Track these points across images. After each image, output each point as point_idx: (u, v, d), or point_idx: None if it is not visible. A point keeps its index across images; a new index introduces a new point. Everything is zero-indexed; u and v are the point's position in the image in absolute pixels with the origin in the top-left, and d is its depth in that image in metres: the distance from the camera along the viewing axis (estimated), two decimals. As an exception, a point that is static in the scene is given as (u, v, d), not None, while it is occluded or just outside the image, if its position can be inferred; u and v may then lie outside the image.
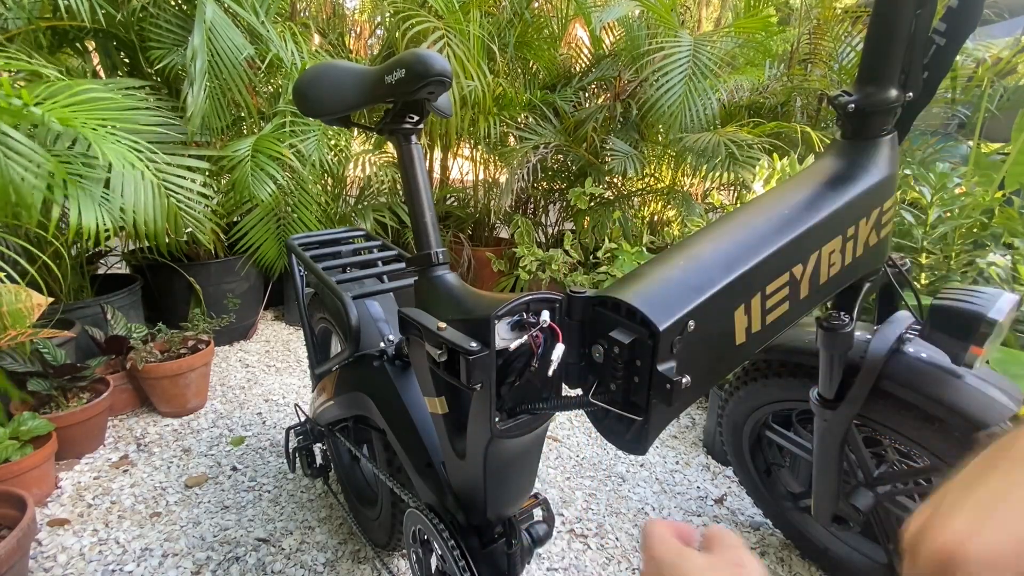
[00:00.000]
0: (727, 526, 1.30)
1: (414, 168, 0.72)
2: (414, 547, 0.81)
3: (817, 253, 0.62)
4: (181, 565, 1.14)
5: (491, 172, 2.93)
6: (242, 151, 1.84)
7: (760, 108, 2.61)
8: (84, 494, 1.36)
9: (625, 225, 2.60)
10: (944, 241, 1.52)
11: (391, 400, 0.86)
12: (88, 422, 1.47)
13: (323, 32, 2.70)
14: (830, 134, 2.20)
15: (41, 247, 1.41)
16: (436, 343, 0.56)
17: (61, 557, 1.16)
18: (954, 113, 2.47)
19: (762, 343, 0.60)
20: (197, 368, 1.72)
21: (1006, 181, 1.67)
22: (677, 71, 2.14)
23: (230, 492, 1.38)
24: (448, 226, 2.82)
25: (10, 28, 1.62)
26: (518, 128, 2.58)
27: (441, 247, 0.71)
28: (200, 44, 1.68)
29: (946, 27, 0.66)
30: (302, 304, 1.16)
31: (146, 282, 2.11)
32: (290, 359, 2.19)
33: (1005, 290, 0.75)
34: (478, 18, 2.25)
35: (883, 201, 0.68)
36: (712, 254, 0.56)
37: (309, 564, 1.16)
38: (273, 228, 2.12)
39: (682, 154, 2.45)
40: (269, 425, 1.70)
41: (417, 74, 0.63)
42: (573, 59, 2.98)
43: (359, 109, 0.74)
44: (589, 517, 1.33)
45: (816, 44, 2.55)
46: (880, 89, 0.65)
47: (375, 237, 1.16)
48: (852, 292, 0.77)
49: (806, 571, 1.17)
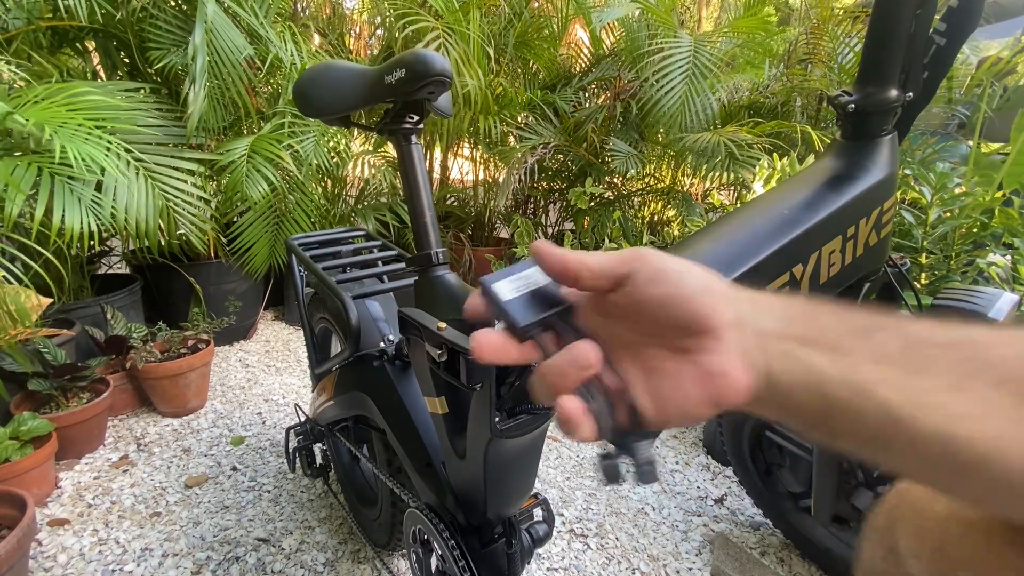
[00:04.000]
0: (727, 526, 1.30)
1: (414, 168, 0.72)
2: (414, 547, 0.81)
3: (817, 253, 0.62)
4: (181, 565, 1.14)
5: (491, 172, 2.93)
6: (238, 151, 1.84)
7: (760, 108, 2.61)
8: (84, 494, 1.36)
9: (625, 225, 2.60)
10: (944, 241, 1.52)
11: (391, 400, 0.85)
12: (88, 422, 1.47)
13: (323, 32, 2.70)
14: (830, 134, 2.19)
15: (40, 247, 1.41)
16: (436, 343, 0.56)
17: (61, 557, 1.16)
18: (954, 113, 2.47)
19: None
20: (197, 368, 1.72)
21: (1006, 181, 1.67)
22: (677, 71, 2.14)
23: (230, 492, 1.38)
24: (448, 226, 2.82)
25: (10, 28, 1.62)
26: (518, 128, 2.58)
27: (441, 247, 0.71)
28: (201, 43, 1.69)
29: (946, 27, 0.66)
30: (302, 304, 1.16)
31: (146, 282, 2.11)
32: (290, 359, 2.19)
33: (1005, 290, 0.75)
34: (478, 18, 2.25)
35: (883, 201, 0.68)
36: (712, 254, 0.56)
37: (309, 564, 1.16)
38: (269, 230, 2.13)
39: (682, 154, 2.45)
40: (269, 425, 1.70)
41: (417, 74, 0.63)
42: (573, 59, 2.98)
43: (359, 109, 0.74)
44: (589, 517, 1.33)
45: (815, 44, 2.55)
46: (880, 89, 0.65)
47: (375, 237, 1.16)
48: (852, 292, 0.77)
49: (806, 571, 1.17)
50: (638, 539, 1.26)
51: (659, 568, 1.18)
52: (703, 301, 0.26)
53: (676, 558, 1.21)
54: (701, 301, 0.26)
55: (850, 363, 0.24)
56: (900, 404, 0.23)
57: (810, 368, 0.25)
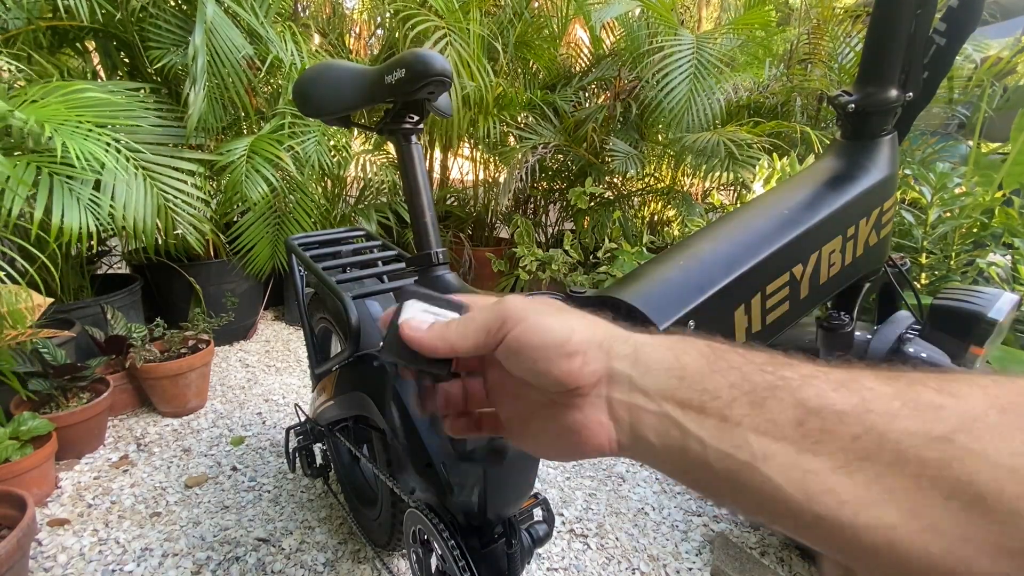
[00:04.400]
0: (727, 526, 1.30)
1: (414, 168, 0.72)
2: (414, 547, 0.81)
3: (817, 253, 0.62)
4: (181, 565, 1.14)
5: (491, 172, 2.93)
6: (238, 151, 1.84)
7: (760, 108, 2.61)
8: (84, 494, 1.36)
9: (625, 225, 2.60)
10: (944, 241, 1.52)
11: (391, 400, 0.85)
12: (88, 422, 1.47)
13: (323, 32, 2.70)
14: (830, 134, 2.20)
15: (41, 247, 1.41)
16: None
17: (61, 557, 1.16)
18: (954, 113, 2.47)
19: (762, 343, 0.60)
20: (197, 368, 1.72)
21: (1006, 181, 1.67)
22: (679, 70, 2.14)
23: (230, 492, 1.38)
24: (448, 226, 2.82)
25: (10, 28, 1.62)
26: (518, 128, 2.58)
27: (441, 247, 0.71)
28: (200, 43, 1.69)
29: (946, 27, 0.66)
30: (302, 304, 1.16)
31: (146, 282, 2.11)
32: (290, 359, 2.19)
33: (1005, 290, 0.75)
34: (478, 18, 2.25)
35: (883, 201, 0.68)
36: (712, 254, 0.56)
37: (309, 564, 1.16)
38: (270, 230, 2.13)
39: (682, 154, 2.45)
40: (269, 425, 1.70)
41: (417, 74, 0.63)
42: (573, 59, 2.98)
43: (359, 109, 0.74)
44: (589, 517, 1.33)
45: (815, 44, 2.55)
46: (880, 89, 0.65)
47: (375, 237, 1.16)
48: (852, 292, 0.77)
49: (806, 571, 1.17)
50: (638, 539, 1.26)
51: (659, 568, 1.18)
52: (564, 367, 0.27)
53: (676, 558, 1.21)
54: (561, 363, 0.27)
55: (736, 435, 0.23)
56: (786, 484, 0.21)
57: (688, 435, 0.24)
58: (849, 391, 0.22)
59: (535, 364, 0.27)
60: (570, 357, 0.27)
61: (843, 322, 0.79)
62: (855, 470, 0.20)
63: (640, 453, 0.27)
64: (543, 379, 0.27)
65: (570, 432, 0.28)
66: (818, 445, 0.21)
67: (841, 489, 0.20)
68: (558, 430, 0.28)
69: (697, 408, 0.25)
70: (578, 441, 0.28)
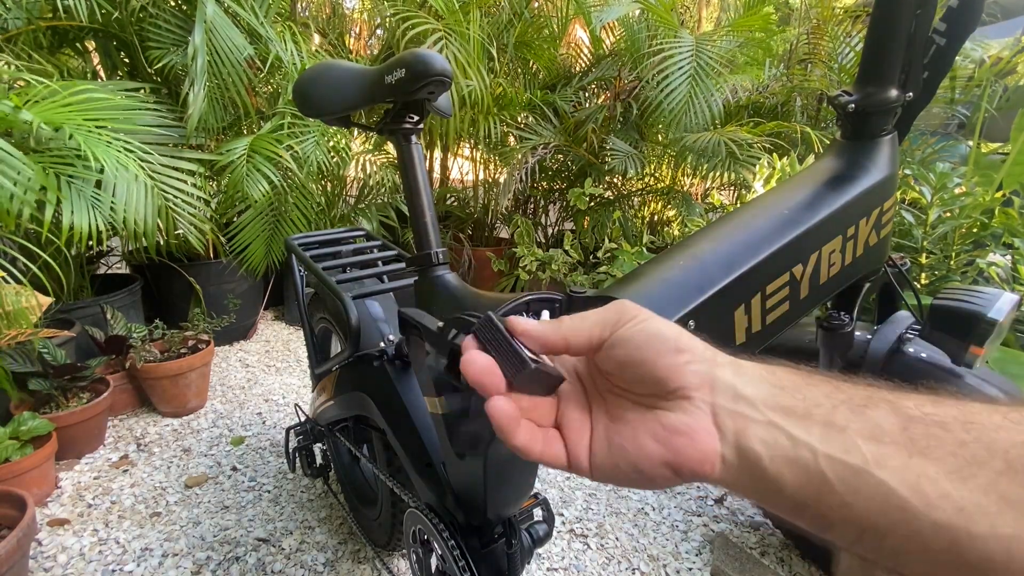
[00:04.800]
0: (727, 526, 1.30)
1: (414, 168, 0.72)
2: (414, 547, 0.81)
3: (817, 253, 0.62)
4: (181, 565, 1.14)
5: (491, 172, 2.93)
6: (238, 151, 1.84)
7: (760, 108, 2.61)
8: (84, 494, 1.36)
9: (625, 225, 2.60)
10: (944, 241, 1.52)
11: (391, 400, 0.85)
12: (88, 422, 1.47)
13: (323, 32, 2.70)
14: (830, 134, 2.20)
15: (41, 246, 1.41)
16: (436, 343, 0.56)
17: (61, 557, 1.16)
18: (954, 113, 2.47)
19: (762, 343, 0.60)
20: (197, 368, 1.72)
21: (1006, 181, 1.67)
22: (679, 71, 2.14)
23: (230, 492, 1.38)
24: (448, 226, 2.82)
25: (10, 28, 1.62)
26: (518, 128, 2.58)
27: (441, 247, 0.71)
28: (200, 43, 1.69)
29: (946, 27, 0.66)
30: (302, 304, 1.16)
31: (146, 282, 2.11)
32: (290, 359, 2.19)
33: (1005, 290, 0.75)
34: (478, 18, 2.25)
35: (883, 201, 0.68)
36: (712, 254, 0.56)
37: (309, 564, 1.16)
38: (266, 229, 2.12)
39: (682, 154, 2.45)
40: (269, 425, 1.70)
41: (417, 74, 0.63)
42: (573, 59, 2.98)
43: (359, 109, 0.74)
44: (589, 517, 1.33)
45: (815, 44, 2.55)
46: (880, 89, 0.65)
47: (375, 237, 1.16)
48: (852, 292, 0.77)
49: (806, 571, 1.17)
50: (638, 539, 1.26)
51: (659, 568, 1.18)
52: (671, 361, 0.26)
53: (676, 558, 1.21)
54: (669, 361, 0.26)
55: (845, 440, 0.22)
56: (901, 488, 0.21)
57: (799, 443, 0.23)
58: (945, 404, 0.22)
59: (642, 354, 0.26)
60: (678, 352, 0.26)
61: (843, 322, 0.79)
62: (968, 476, 0.20)
63: (743, 472, 0.25)
64: (647, 370, 0.26)
65: (668, 436, 0.25)
66: (927, 450, 0.21)
67: (957, 495, 0.20)
68: (654, 432, 0.26)
69: (802, 415, 0.24)
70: (677, 448, 0.25)
